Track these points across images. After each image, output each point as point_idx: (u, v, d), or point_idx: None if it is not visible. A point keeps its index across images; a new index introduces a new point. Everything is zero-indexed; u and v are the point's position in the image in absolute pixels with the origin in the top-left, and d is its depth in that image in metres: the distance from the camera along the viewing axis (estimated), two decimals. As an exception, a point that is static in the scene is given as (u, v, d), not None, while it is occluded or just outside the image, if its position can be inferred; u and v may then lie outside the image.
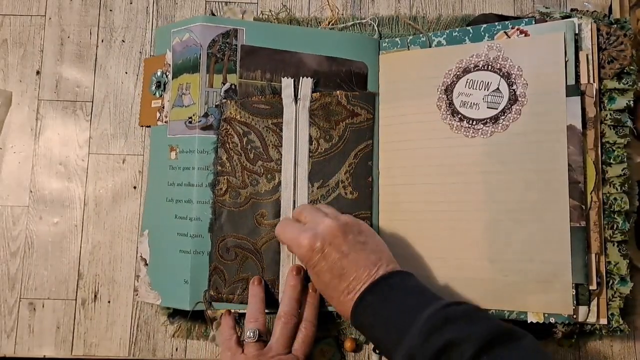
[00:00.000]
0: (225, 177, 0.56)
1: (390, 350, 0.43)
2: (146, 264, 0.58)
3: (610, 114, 0.54)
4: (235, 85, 0.57)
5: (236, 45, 0.58)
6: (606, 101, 0.55)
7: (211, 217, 0.56)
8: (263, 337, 0.51)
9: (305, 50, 0.59)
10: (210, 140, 0.57)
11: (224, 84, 0.57)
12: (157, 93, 0.60)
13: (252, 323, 0.52)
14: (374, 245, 0.49)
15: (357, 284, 0.46)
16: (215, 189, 0.56)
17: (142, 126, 0.63)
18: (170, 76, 0.59)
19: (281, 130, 0.58)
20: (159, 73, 0.60)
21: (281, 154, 0.57)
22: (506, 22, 0.57)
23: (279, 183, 0.57)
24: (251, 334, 0.51)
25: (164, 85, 0.60)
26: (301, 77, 0.58)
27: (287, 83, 0.58)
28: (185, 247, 0.55)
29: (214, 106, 0.57)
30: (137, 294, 0.59)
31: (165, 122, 0.59)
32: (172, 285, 0.56)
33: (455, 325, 0.40)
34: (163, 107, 0.59)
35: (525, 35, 0.55)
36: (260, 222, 0.56)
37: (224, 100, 0.57)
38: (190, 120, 0.57)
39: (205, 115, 0.57)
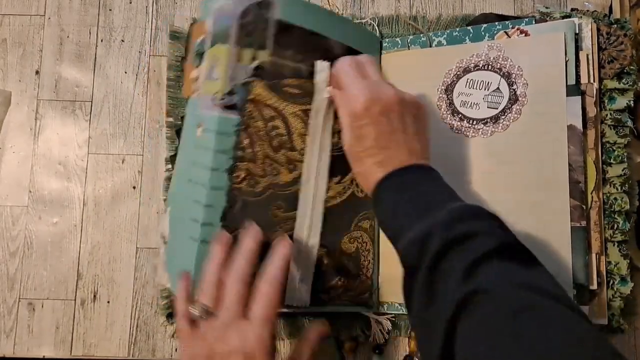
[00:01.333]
0: (245, 164, 0.50)
1: (402, 228, 0.41)
2: (165, 242, 0.54)
3: (611, 114, 0.54)
4: (263, 64, 0.51)
5: (269, 18, 0.51)
6: (606, 101, 0.55)
7: (225, 205, 0.50)
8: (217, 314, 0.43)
9: (337, 38, 0.55)
10: (232, 121, 0.50)
11: (254, 60, 0.50)
12: (195, 63, 0.54)
13: (203, 297, 0.43)
14: (423, 137, 0.47)
15: (394, 160, 0.44)
16: (233, 175, 0.50)
17: (186, 98, 0.59)
18: (207, 45, 0.52)
19: (309, 118, 0.52)
20: (199, 41, 0.53)
21: (305, 144, 0.52)
22: (506, 22, 0.57)
23: (300, 174, 0.52)
24: (197, 312, 0.42)
25: (201, 54, 0.53)
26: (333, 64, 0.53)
27: (322, 67, 0.52)
28: (194, 234, 0.49)
29: (240, 84, 0.50)
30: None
31: (197, 94, 0.53)
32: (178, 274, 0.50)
33: (481, 221, 0.39)
34: (197, 79, 0.53)
35: (525, 35, 0.55)
36: (276, 214, 0.52)
37: (251, 79, 0.50)
38: (215, 96, 0.50)
39: (230, 92, 0.49)
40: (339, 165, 0.53)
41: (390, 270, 0.57)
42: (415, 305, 0.39)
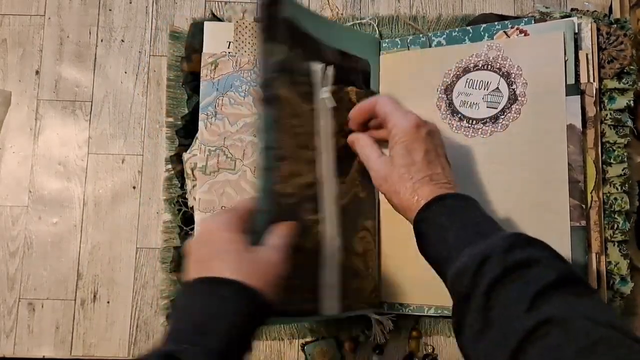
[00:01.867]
0: (281, 163, 0.47)
1: (452, 253, 0.41)
2: None
3: (611, 114, 0.54)
4: (283, 59, 0.49)
5: (280, 15, 0.49)
6: (606, 101, 0.55)
7: (267, 208, 0.46)
8: None
9: (327, 42, 0.54)
10: (269, 117, 0.47)
11: (274, 56, 0.48)
12: None
13: None
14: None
15: (442, 179, 0.46)
16: (273, 176, 0.47)
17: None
18: None
19: (314, 118, 0.51)
20: None
21: (316, 144, 0.51)
22: (506, 22, 0.57)
23: (316, 175, 0.51)
24: None
25: None
26: (326, 66, 0.53)
27: (316, 68, 0.52)
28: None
29: (268, 78, 0.48)
30: None
31: None
32: None
33: (538, 250, 0.39)
34: None
35: (524, 35, 0.55)
36: (308, 217, 0.49)
37: (275, 75, 0.48)
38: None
39: (266, 85, 0.48)
40: (340, 165, 0.53)
41: (390, 270, 0.57)
42: (468, 330, 0.38)
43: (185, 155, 0.60)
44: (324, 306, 0.48)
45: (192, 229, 0.59)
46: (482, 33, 0.57)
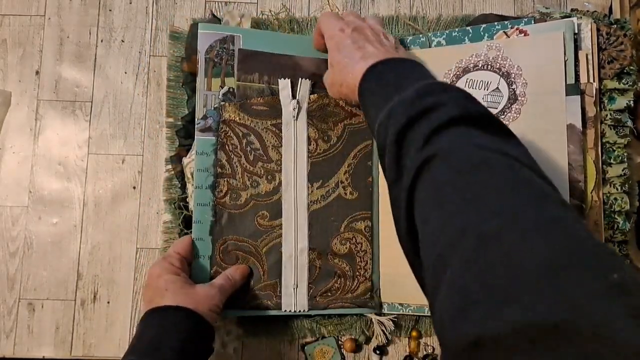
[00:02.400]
0: (226, 179, 0.57)
1: (377, 113, 0.42)
2: None
3: (611, 114, 0.54)
4: (233, 89, 0.58)
5: (234, 50, 0.58)
6: (606, 101, 0.55)
7: (212, 219, 0.56)
8: None
9: (302, 54, 0.59)
10: (210, 142, 0.57)
11: (222, 87, 0.58)
12: None
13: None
14: (401, 48, 0.53)
15: (375, 55, 0.47)
16: (216, 190, 0.56)
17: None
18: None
19: (280, 131, 0.58)
20: None
21: (281, 155, 0.57)
22: (506, 22, 0.57)
23: (279, 183, 0.57)
24: None
25: None
26: (300, 79, 0.58)
27: (284, 84, 0.58)
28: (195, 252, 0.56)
29: (212, 108, 0.57)
30: None
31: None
32: None
33: (449, 93, 0.39)
34: None
35: (524, 35, 0.55)
36: (261, 223, 0.56)
37: (222, 103, 0.57)
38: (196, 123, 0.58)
39: (204, 117, 0.57)
40: (318, 171, 0.57)
41: (390, 271, 0.57)
42: (388, 181, 0.39)
43: (185, 160, 0.60)
44: (285, 303, 0.56)
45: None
46: (482, 33, 0.57)
